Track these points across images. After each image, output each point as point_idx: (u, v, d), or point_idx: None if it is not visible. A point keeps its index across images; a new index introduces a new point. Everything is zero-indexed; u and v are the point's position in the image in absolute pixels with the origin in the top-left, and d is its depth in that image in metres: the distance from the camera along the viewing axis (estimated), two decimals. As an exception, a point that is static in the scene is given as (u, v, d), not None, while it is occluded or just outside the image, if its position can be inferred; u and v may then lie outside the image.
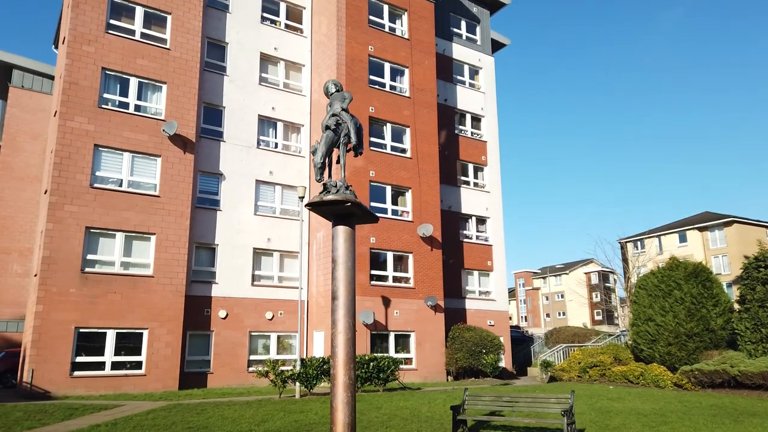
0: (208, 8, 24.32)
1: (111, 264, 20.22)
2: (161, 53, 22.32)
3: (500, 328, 28.92)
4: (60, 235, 19.35)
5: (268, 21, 26.20)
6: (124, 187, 20.84)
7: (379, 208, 24.44)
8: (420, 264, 24.90)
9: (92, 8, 21.18)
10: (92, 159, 20.34)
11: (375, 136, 25.15)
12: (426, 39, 27.68)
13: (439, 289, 25.22)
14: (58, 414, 14.23)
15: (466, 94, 31.08)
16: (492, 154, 31.29)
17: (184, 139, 22.07)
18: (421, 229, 24.92)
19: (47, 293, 18.90)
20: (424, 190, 25.67)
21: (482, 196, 30.37)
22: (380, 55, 25.96)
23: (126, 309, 20.02)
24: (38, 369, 18.34)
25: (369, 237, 23.72)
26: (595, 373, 22.42)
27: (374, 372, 18.92)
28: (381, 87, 25.79)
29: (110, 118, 20.90)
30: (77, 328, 19.15)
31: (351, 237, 7.44)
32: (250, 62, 25.03)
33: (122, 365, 19.85)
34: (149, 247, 20.96)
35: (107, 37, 21.35)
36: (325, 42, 25.79)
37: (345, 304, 7.21)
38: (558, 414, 9.90)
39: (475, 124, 31.38)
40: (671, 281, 20.89)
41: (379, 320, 23.24)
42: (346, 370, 7.00)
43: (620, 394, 17.53)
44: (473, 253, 29.33)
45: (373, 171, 24.43)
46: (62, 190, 19.66)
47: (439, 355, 24.61)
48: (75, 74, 20.53)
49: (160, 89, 22.23)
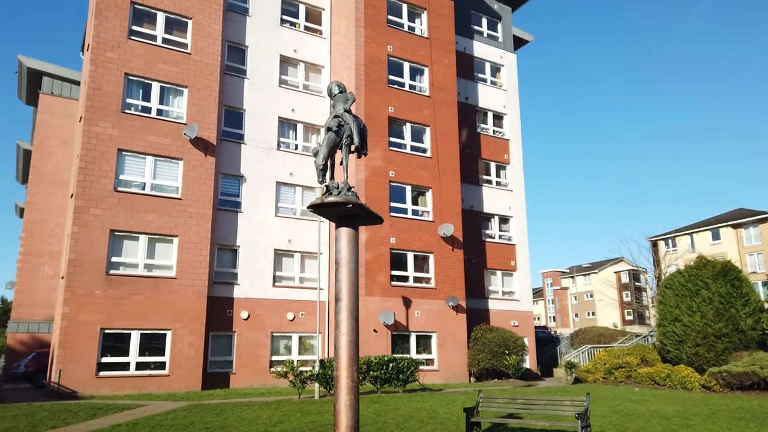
0: (228, 12, 24.58)
1: (135, 266, 20.58)
2: (182, 58, 22.63)
3: (524, 328, 28.57)
4: (85, 238, 19.76)
5: (288, 23, 26.36)
6: (147, 191, 21.18)
7: (399, 208, 24.39)
8: (441, 264, 24.75)
9: (115, 15, 21.58)
10: (116, 163, 20.72)
11: (394, 136, 25.08)
12: (446, 37, 27.50)
13: (461, 290, 25.03)
14: (81, 414, 14.52)
15: (487, 92, 30.80)
16: (515, 152, 30.95)
17: (205, 142, 22.34)
18: (442, 228, 24.76)
19: (73, 295, 19.32)
20: (444, 190, 25.51)
21: (505, 195, 30.05)
22: (399, 55, 25.89)
23: (150, 310, 20.34)
24: (65, 369, 18.75)
25: (389, 237, 23.67)
26: (620, 374, 21.96)
27: (393, 373, 18.86)
28: (400, 87, 25.71)
29: (133, 122, 21.28)
30: (102, 329, 19.52)
31: (354, 239, 7.40)
32: (269, 65, 25.22)
33: (146, 366, 20.16)
34: (172, 249, 21.26)
35: (130, 43, 21.73)
36: (344, 43, 25.84)
37: (348, 306, 7.17)
38: (573, 417, 9.69)
39: (497, 122, 31.07)
40: (699, 280, 20.34)
41: (399, 321, 23.17)
42: (348, 372, 6.97)
43: (644, 397, 17.14)
44: (496, 252, 29.04)
45: (392, 171, 24.36)
46: (87, 194, 20.08)
47: (461, 356, 24.43)
48: (99, 80, 20.95)
49: (181, 93, 22.55)
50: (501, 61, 31.77)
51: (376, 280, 23.04)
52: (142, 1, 22.24)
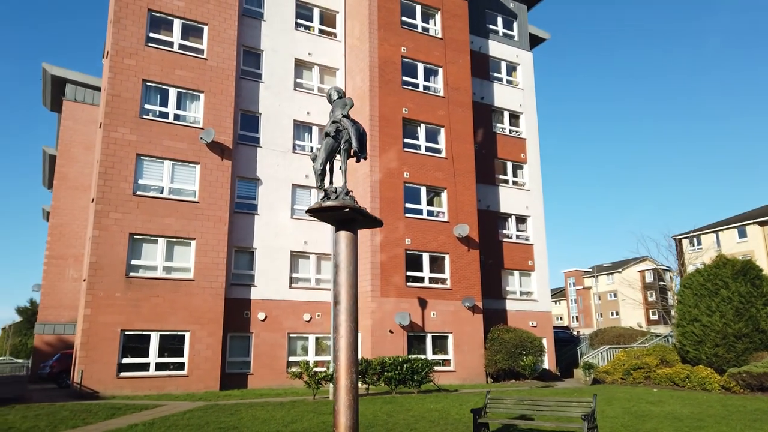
0: (243, 17, 24.91)
1: (154, 269, 20.98)
2: (199, 63, 23.00)
3: (543, 329, 28.39)
4: (105, 242, 20.21)
5: (302, 27, 26.60)
6: (165, 194, 21.58)
7: (414, 209, 24.44)
8: (457, 265, 24.73)
9: (132, 23, 22.03)
10: (134, 168, 21.16)
11: (409, 137, 25.14)
12: (460, 37, 27.47)
13: (477, 290, 24.98)
14: (101, 414, 14.87)
15: (503, 92, 30.67)
16: (531, 151, 30.76)
17: (222, 146, 22.67)
18: (457, 229, 24.74)
19: (94, 297, 19.78)
20: (459, 190, 25.48)
21: (522, 195, 29.89)
22: (413, 56, 25.94)
23: (168, 312, 20.72)
24: (87, 370, 19.21)
25: (404, 238, 23.74)
26: (639, 375, 21.70)
27: (408, 374, 18.92)
28: (414, 88, 25.76)
29: (151, 128, 21.69)
30: (123, 330, 19.95)
31: (353, 242, 7.49)
32: (285, 68, 25.47)
33: (165, 366, 20.54)
34: (190, 252, 21.63)
35: (147, 49, 22.16)
36: (357, 45, 25.98)
37: (347, 308, 7.27)
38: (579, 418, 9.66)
39: (513, 122, 30.92)
40: (718, 279, 20.01)
41: (415, 322, 23.22)
42: (347, 374, 7.06)
43: (661, 398, 16.93)
44: (513, 252, 28.90)
45: (407, 172, 24.42)
46: (107, 199, 20.54)
47: (478, 356, 24.38)
48: (117, 87, 21.41)
49: (198, 98, 22.92)
50: (517, 60, 31.61)
51: (392, 281, 23.13)
52: (159, 8, 22.66)
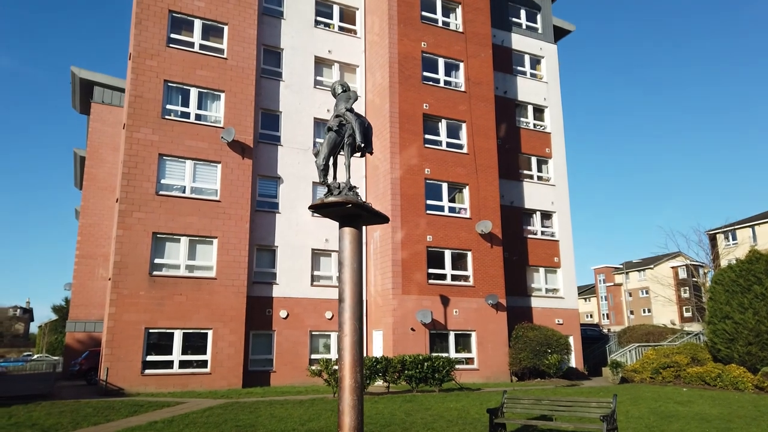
0: (263, 16, 24.97)
1: (176, 267, 21.19)
2: (219, 63, 23.13)
3: (569, 326, 27.85)
4: (129, 241, 20.49)
5: (322, 24, 26.54)
6: (187, 194, 21.77)
7: (436, 206, 24.18)
8: (479, 262, 24.40)
9: (154, 24, 22.26)
10: (157, 168, 21.39)
11: (430, 133, 24.88)
12: (482, 31, 27.08)
13: (501, 287, 24.60)
14: (123, 411, 15.05)
15: (527, 85, 30.16)
16: (557, 145, 30.18)
17: (243, 145, 22.77)
18: (480, 225, 24.40)
19: (119, 296, 20.08)
20: (482, 186, 25.13)
21: (547, 190, 29.35)
22: (434, 51, 25.66)
23: (191, 310, 20.91)
24: (112, 367, 19.51)
25: (426, 235, 23.51)
26: (668, 374, 21.09)
27: (429, 372, 18.72)
28: (435, 83, 25.47)
29: (173, 128, 21.90)
30: (147, 328, 20.20)
31: (357, 238, 7.35)
32: (305, 66, 25.46)
33: (189, 364, 20.74)
34: (212, 251, 21.78)
35: (168, 50, 22.37)
36: (377, 41, 25.81)
37: (351, 306, 7.14)
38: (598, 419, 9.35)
39: (537, 116, 30.38)
40: (750, 275, 19.30)
41: (437, 319, 22.98)
42: (352, 373, 6.93)
43: (691, 398, 16.39)
44: (538, 249, 28.40)
45: (428, 168, 24.18)
46: (130, 198, 20.80)
47: (502, 355, 24.02)
48: (139, 88, 21.67)
49: (218, 98, 23.05)
50: (541, 53, 31.04)
51: (413, 279, 22.93)
52: (179, 9, 22.86)
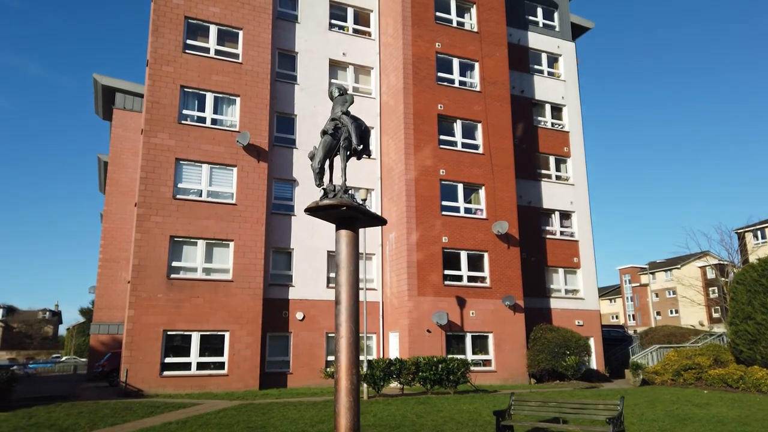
0: (277, 20, 25.17)
1: (194, 270, 21.45)
2: (234, 68, 23.39)
3: (590, 328, 27.47)
4: (147, 245, 20.82)
5: (336, 27, 26.64)
6: (204, 197, 22.04)
7: (451, 207, 24.09)
8: (496, 263, 24.22)
9: (170, 30, 22.60)
10: (174, 172, 21.69)
11: (444, 134, 24.79)
12: (497, 30, 26.90)
13: (518, 288, 24.39)
14: (140, 412, 15.29)
15: (544, 84, 29.87)
16: (575, 144, 29.83)
17: (258, 149, 22.97)
18: (496, 226, 24.23)
19: (138, 299, 20.40)
20: (498, 186, 24.95)
21: (566, 190, 29.02)
22: (448, 51, 25.58)
23: (208, 312, 21.15)
24: (132, 369, 19.83)
25: (441, 236, 23.43)
26: (690, 376, 20.65)
27: (443, 374, 18.64)
28: (450, 83, 25.38)
29: (189, 132, 22.20)
30: (165, 330, 20.49)
31: (353, 241, 7.35)
32: (319, 69, 25.58)
33: (206, 366, 20.98)
34: (228, 253, 22.01)
35: (184, 56, 22.69)
36: (391, 43, 25.82)
37: (347, 308, 7.14)
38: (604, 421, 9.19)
39: (555, 114, 30.06)
40: (774, 275, 18.80)
41: (454, 321, 22.87)
42: (348, 374, 6.93)
43: (710, 400, 16.03)
44: (557, 249, 28.08)
45: (443, 169, 24.09)
46: (148, 203, 21.14)
47: (520, 356, 23.80)
48: (156, 93, 22.02)
49: (234, 102, 23.30)
50: (558, 51, 30.72)
51: (429, 280, 22.86)
52: (195, 15, 23.17)
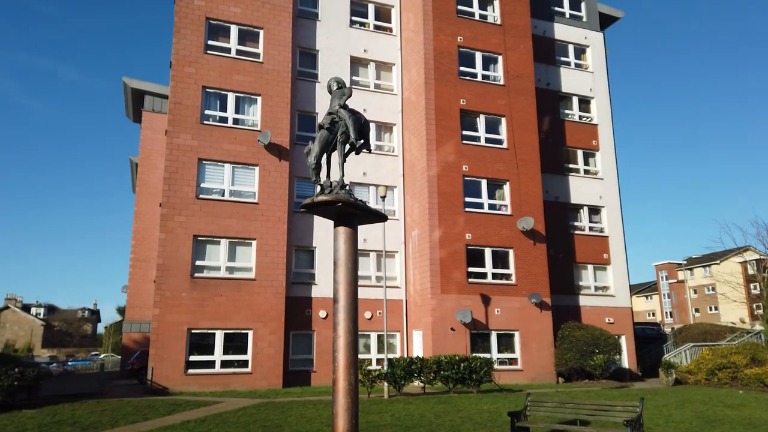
0: (298, 19, 25.15)
1: (217, 269, 21.61)
2: (255, 67, 23.46)
3: (621, 325, 26.72)
4: (171, 244, 21.06)
5: (357, 24, 26.50)
6: (226, 197, 22.18)
7: (475, 203, 23.71)
8: (522, 259, 23.74)
9: (192, 32, 22.80)
10: (197, 172, 21.90)
11: (467, 129, 24.41)
12: (521, 23, 26.36)
13: (545, 286, 23.87)
14: (161, 409, 15.42)
15: (571, 76, 29.15)
16: (604, 137, 29.03)
17: (279, 148, 23.00)
18: (521, 222, 23.75)
19: (162, 297, 20.65)
20: (523, 182, 24.45)
21: (595, 184, 28.28)
22: (470, 45, 25.17)
23: (232, 311, 21.28)
24: (157, 367, 20.08)
25: (464, 233, 23.08)
26: (724, 375, 19.89)
27: (466, 373, 18.34)
28: (472, 78, 24.98)
29: (211, 132, 22.36)
30: (189, 329, 20.69)
31: (351, 238, 7.18)
32: (340, 67, 25.46)
33: (230, 363, 21.11)
34: (251, 252, 22.11)
35: (206, 57, 22.86)
36: (413, 38, 25.55)
37: (345, 307, 6.98)
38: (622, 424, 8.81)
39: (583, 107, 29.31)
40: (813, 270, 17.92)
41: (478, 319, 22.51)
42: (345, 375, 6.77)
43: (744, 401, 15.36)
44: (586, 245, 27.39)
45: (466, 165, 23.73)
46: (172, 203, 21.38)
47: (548, 355, 23.30)
48: (179, 94, 22.24)
49: (255, 101, 23.38)
50: (586, 42, 29.94)
51: (452, 278, 22.55)
52: (216, 16, 23.32)
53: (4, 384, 15.30)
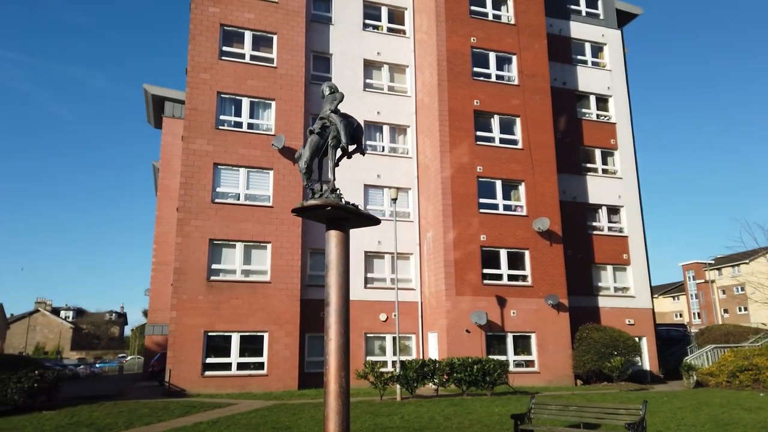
0: (311, 23, 25.33)
1: (233, 272, 21.86)
2: (269, 72, 23.70)
3: (642, 327, 26.27)
4: (188, 248, 21.36)
5: (371, 27, 26.57)
6: (241, 201, 22.43)
7: (489, 204, 23.58)
8: (538, 260, 23.53)
9: (206, 39, 23.13)
10: (212, 176, 22.19)
11: (481, 130, 24.28)
12: (535, 22, 26.15)
13: (562, 287, 23.61)
14: (176, 411, 15.65)
15: (588, 75, 28.80)
16: (623, 136, 28.61)
17: (294, 151, 23.15)
18: (537, 223, 23.54)
19: (179, 300, 20.96)
20: (538, 182, 24.24)
21: (613, 184, 27.88)
22: (484, 45, 25.05)
23: (247, 313, 21.50)
24: (174, 369, 20.39)
25: (479, 235, 22.96)
26: (746, 377, 19.42)
27: (479, 375, 18.21)
28: (486, 78, 24.86)
29: (226, 137, 22.65)
30: (206, 331, 20.96)
31: (342, 241, 7.21)
32: (354, 70, 25.57)
33: (246, 366, 21.32)
34: (266, 255, 22.31)
35: (221, 63, 23.17)
36: (426, 40, 25.53)
37: (337, 310, 7.00)
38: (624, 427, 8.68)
39: (600, 106, 28.93)
40: (838, 269, 17.39)
41: (494, 321, 22.36)
42: (336, 378, 6.79)
43: (763, 404, 14.98)
44: (605, 246, 27.00)
45: (480, 166, 23.61)
46: (188, 207, 21.71)
47: (565, 357, 23.03)
48: (194, 100, 22.58)
49: (269, 106, 23.62)
50: (603, 40, 29.55)
51: (467, 279, 22.44)
52: (230, 22, 23.62)
53: (24, 386, 15.67)
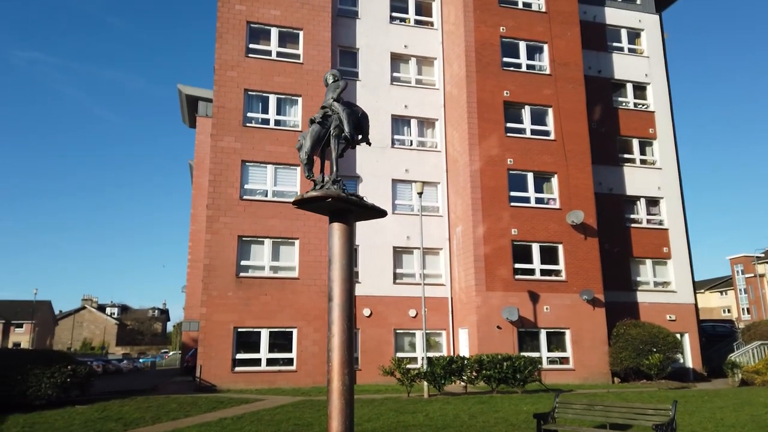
0: (337, 18, 25.16)
1: (261, 268, 21.92)
2: (295, 68, 23.64)
3: (684, 323, 25.24)
4: (217, 245, 21.52)
5: (397, 20, 26.22)
6: (269, 197, 22.47)
7: (520, 197, 23.00)
8: (572, 255, 22.82)
9: (233, 36, 23.22)
10: (240, 173, 22.29)
11: (512, 122, 23.69)
12: (567, 9, 25.35)
13: (597, 282, 22.85)
14: (204, 407, 15.72)
15: (625, 62, 27.78)
16: (662, 125, 27.51)
17: (321, 147, 23.04)
18: (571, 216, 22.82)
19: (209, 297, 21.14)
20: (572, 174, 23.50)
21: (652, 174, 26.84)
22: (513, 35, 24.42)
23: (276, 309, 21.53)
24: (205, 365, 20.57)
25: (510, 229, 22.41)
26: (795, 377, 18.39)
27: (509, 372, 17.75)
28: (516, 68, 24.23)
29: (254, 134, 22.71)
30: (235, 327, 21.09)
31: (346, 234, 6.98)
32: (380, 64, 25.29)
33: (276, 362, 21.37)
34: (294, 251, 22.30)
35: (247, 60, 23.23)
36: (453, 31, 25.05)
37: (340, 305, 6.78)
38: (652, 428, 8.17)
39: (638, 94, 27.88)
40: None
41: (525, 317, 21.80)
42: (340, 375, 6.57)
43: (812, 405, 14.09)
44: (644, 239, 26.03)
45: (511, 159, 23.03)
46: (217, 204, 21.86)
47: (601, 354, 22.29)
48: (222, 98, 22.71)
49: (296, 102, 23.57)
50: (640, 26, 28.46)
51: (497, 275, 21.94)
52: (256, 19, 23.66)
53: (57, 381, 15.99)
